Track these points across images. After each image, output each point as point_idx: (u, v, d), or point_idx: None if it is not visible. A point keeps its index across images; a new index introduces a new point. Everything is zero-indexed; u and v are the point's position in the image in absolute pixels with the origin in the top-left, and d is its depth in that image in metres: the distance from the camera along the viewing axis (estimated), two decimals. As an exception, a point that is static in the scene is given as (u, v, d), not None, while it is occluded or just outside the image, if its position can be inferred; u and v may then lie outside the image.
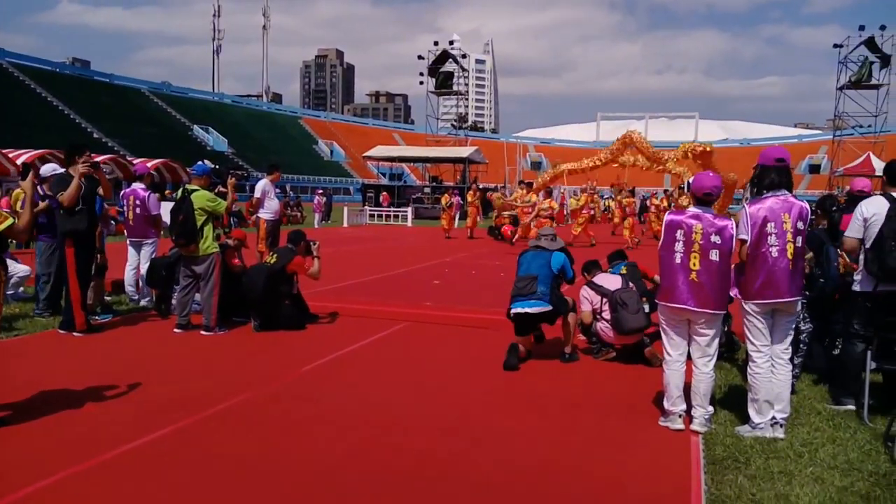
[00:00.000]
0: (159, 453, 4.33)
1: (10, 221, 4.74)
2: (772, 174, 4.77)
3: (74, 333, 7.38)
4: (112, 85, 69.96)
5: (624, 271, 7.08)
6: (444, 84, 56.17)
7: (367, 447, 4.50)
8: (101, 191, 7.87)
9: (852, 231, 5.24)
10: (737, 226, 4.76)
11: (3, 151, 27.57)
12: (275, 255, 8.24)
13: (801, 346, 5.73)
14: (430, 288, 11.48)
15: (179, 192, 8.06)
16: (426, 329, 8.27)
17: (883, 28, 43.48)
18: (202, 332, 7.65)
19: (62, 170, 7.68)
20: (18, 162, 26.08)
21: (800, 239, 4.67)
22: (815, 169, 67.51)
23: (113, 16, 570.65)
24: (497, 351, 6.72)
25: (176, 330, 7.76)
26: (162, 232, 9.67)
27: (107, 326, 8.00)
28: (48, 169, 8.31)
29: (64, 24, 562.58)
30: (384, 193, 41.03)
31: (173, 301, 8.53)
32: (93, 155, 7.97)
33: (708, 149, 18.65)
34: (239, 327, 8.02)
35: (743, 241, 4.69)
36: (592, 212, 24.42)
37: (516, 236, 19.40)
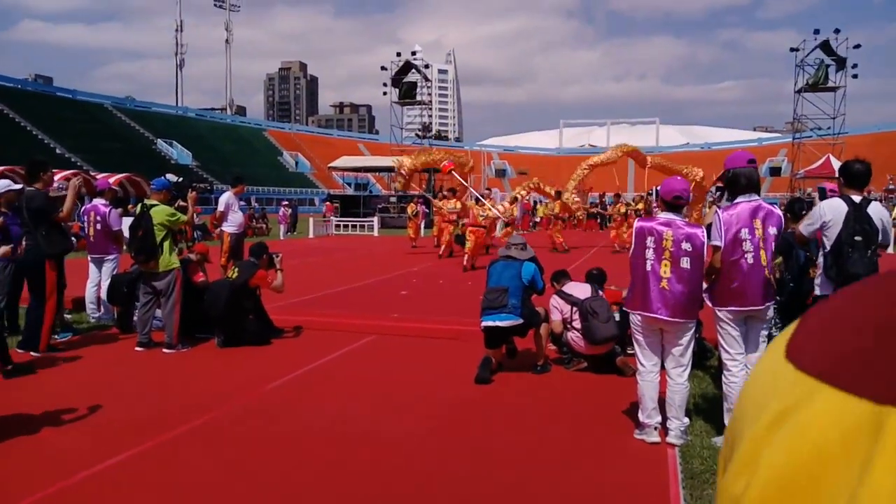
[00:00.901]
0: (120, 479, 4.15)
1: None
2: (743, 178, 4.72)
3: (32, 353, 7.13)
4: (75, 101, 68.80)
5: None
6: (407, 94, 56.14)
7: (338, 466, 4.37)
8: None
9: (805, 229, 5.23)
10: (708, 231, 4.71)
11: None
12: (237, 269, 8.03)
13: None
14: (398, 299, 11.34)
15: (138, 207, 7.85)
16: (394, 342, 8.12)
17: (837, 32, 44.41)
18: (164, 350, 7.44)
19: (16, 186, 7.43)
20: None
21: (772, 245, 4.64)
22: (775, 171, 68.63)
23: (75, 32, 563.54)
24: (467, 363, 6.61)
25: (137, 348, 7.53)
26: (123, 248, 9.42)
27: (66, 346, 7.74)
28: (1, 185, 8.02)
29: (26, 41, 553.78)
30: (327, 203, 40.82)
31: (135, 318, 8.29)
32: (54, 171, 7.81)
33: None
34: (202, 344, 7.81)
35: (716, 248, 4.63)
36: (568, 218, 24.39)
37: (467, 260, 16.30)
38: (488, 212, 16.93)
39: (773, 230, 4.63)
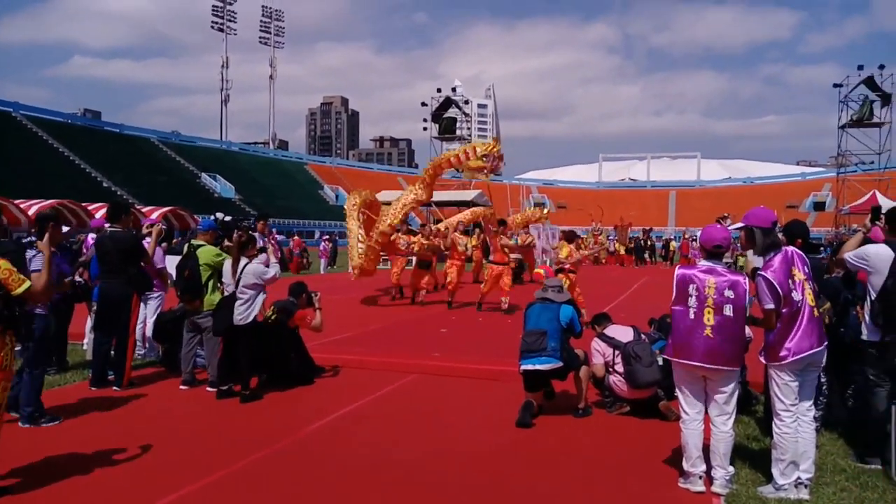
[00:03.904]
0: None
1: (27, 284, 4.49)
2: (772, 236, 4.70)
3: (115, 388, 7.48)
4: (122, 135, 71.03)
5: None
6: (447, 129, 56.84)
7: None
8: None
9: (853, 261, 5.25)
10: (756, 295, 4.64)
11: (15, 202, 27.71)
12: (275, 309, 8.06)
13: (821, 398, 5.59)
14: (438, 336, 11.34)
15: (185, 247, 8.05)
16: (435, 382, 8.13)
17: (882, 67, 43.97)
18: (208, 388, 7.55)
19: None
20: (30, 213, 26.13)
21: (810, 283, 4.60)
22: (819, 206, 67.52)
23: (123, 68, 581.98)
24: (508, 405, 6.59)
25: (182, 386, 7.66)
26: (168, 284, 9.60)
27: (111, 383, 7.90)
28: None
29: (76, 76, 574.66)
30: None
31: (180, 356, 8.43)
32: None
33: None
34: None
35: (771, 311, 4.53)
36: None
37: (419, 295, 15.63)
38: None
39: (807, 269, 4.64)
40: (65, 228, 7.65)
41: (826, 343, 4.64)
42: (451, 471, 5.21)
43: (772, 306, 4.49)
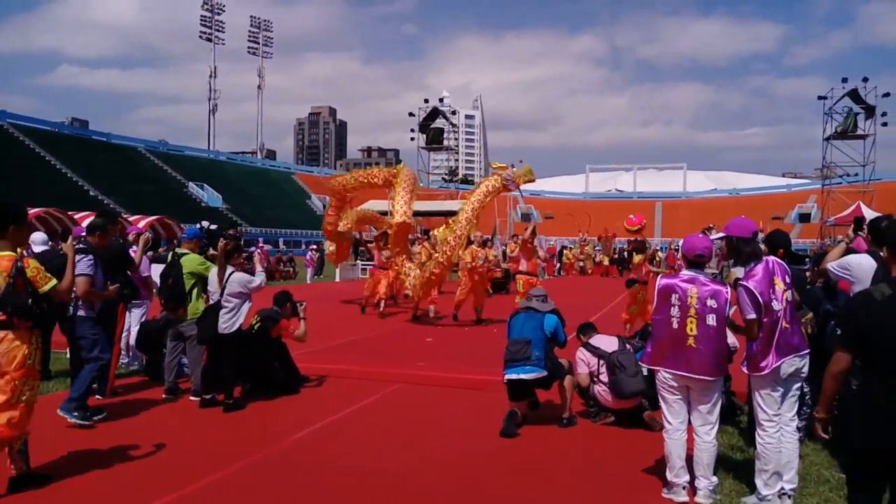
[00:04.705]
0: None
1: (52, 283, 4.76)
2: (753, 245, 4.68)
3: (98, 397, 7.30)
4: (110, 144, 70.67)
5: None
6: (434, 139, 56.99)
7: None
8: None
9: (835, 270, 5.32)
10: (736, 305, 4.64)
11: None
12: (258, 318, 8.01)
13: (804, 409, 5.60)
14: (424, 346, 11.32)
15: (169, 255, 7.98)
16: (420, 391, 8.10)
17: (866, 80, 44.39)
18: (191, 397, 7.48)
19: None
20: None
21: (789, 294, 4.61)
22: (805, 218, 67.97)
23: (111, 77, 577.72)
24: (493, 414, 6.57)
25: (165, 395, 7.59)
26: (153, 293, 9.54)
27: (94, 392, 7.81)
28: (38, 240, 8.50)
29: (63, 85, 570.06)
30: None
31: (163, 365, 8.36)
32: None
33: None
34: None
35: (752, 321, 4.49)
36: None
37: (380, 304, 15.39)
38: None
39: (788, 279, 4.63)
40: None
41: (808, 351, 4.65)
42: (435, 480, 5.19)
43: (753, 316, 4.46)
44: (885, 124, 44.80)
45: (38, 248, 8.44)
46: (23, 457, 4.81)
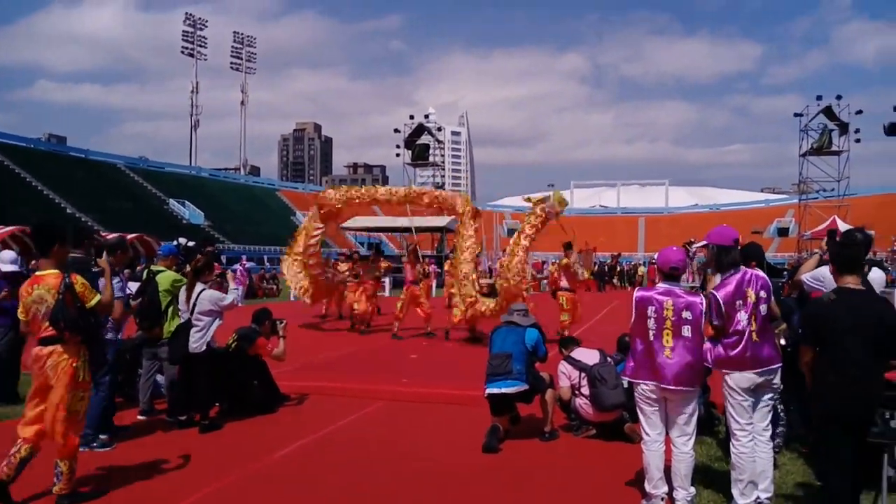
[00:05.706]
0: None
1: (98, 297, 4.98)
2: (733, 254, 4.78)
3: None
4: (87, 160, 69.86)
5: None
6: (420, 156, 57.00)
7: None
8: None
9: (809, 282, 5.54)
10: (707, 310, 4.69)
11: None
12: (236, 336, 7.92)
13: (780, 420, 5.63)
14: (408, 363, 11.28)
15: (144, 273, 7.79)
16: (403, 408, 8.05)
17: (839, 97, 45.02)
18: (166, 418, 7.36)
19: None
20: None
21: (764, 307, 4.65)
22: (783, 232, 68.81)
23: (90, 92, 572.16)
24: (476, 429, 6.54)
25: (139, 416, 7.46)
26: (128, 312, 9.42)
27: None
28: (7, 258, 8.28)
29: (41, 100, 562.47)
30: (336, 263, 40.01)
31: (138, 385, 8.24)
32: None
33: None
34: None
35: (716, 327, 4.63)
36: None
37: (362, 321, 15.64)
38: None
39: (763, 293, 4.67)
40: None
41: (780, 364, 4.69)
42: (418, 495, 5.17)
43: (716, 323, 4.61)
44: (858, 140, 45.38)
45: (6, 268, 8.04)
46: (20, 466, 4.80)
